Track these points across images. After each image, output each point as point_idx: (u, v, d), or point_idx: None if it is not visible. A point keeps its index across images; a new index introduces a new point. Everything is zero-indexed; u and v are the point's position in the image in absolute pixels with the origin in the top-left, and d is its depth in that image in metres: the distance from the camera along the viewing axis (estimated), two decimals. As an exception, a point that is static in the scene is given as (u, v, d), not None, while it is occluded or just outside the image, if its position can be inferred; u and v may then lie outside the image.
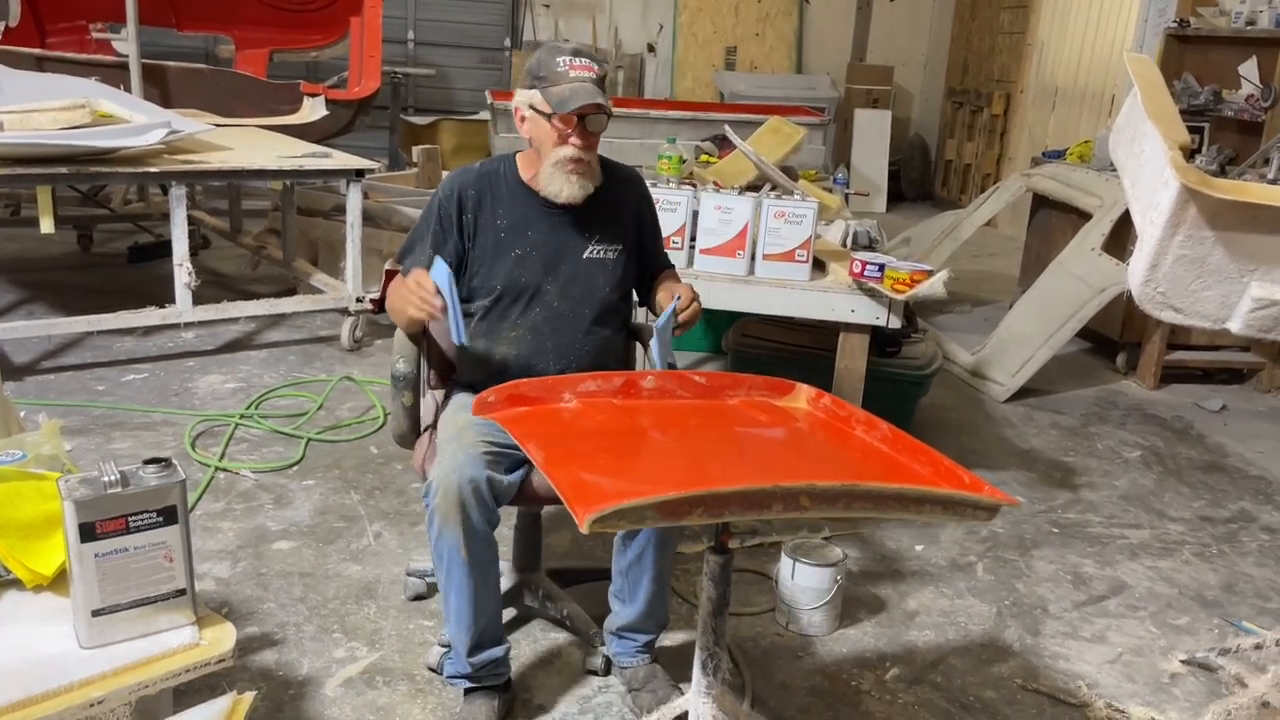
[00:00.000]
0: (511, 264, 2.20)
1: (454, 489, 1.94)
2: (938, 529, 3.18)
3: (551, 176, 2.15)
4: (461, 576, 2.01)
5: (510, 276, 2.20)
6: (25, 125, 3.82)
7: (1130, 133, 2.67)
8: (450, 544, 1.98)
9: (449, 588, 2.04)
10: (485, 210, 2.21)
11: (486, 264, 2.21)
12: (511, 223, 2.21)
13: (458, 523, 1.95)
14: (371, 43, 6.34)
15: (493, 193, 2.22)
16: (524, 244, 2.21)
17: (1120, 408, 4.46)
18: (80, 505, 1.39)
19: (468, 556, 1.98)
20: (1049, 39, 8.20)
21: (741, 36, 9.44)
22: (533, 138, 2.17)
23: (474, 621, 2.07)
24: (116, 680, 1.40)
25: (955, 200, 9.08)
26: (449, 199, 2.21)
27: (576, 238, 2.24)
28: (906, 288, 2.87)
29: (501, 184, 2.23)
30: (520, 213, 2.21)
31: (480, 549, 2.00)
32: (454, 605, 2.05)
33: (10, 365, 3.95)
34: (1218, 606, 2.88)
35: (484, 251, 2.21)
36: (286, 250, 4.88)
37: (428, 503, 1.99)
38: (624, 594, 2.23)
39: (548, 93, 2.09)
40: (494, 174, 2.24)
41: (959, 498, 1.54)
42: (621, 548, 2.19)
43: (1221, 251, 2.33)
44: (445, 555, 2.00)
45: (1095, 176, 5.00)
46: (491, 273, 2.21)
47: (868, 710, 2.31)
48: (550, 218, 2.22)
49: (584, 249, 2.24)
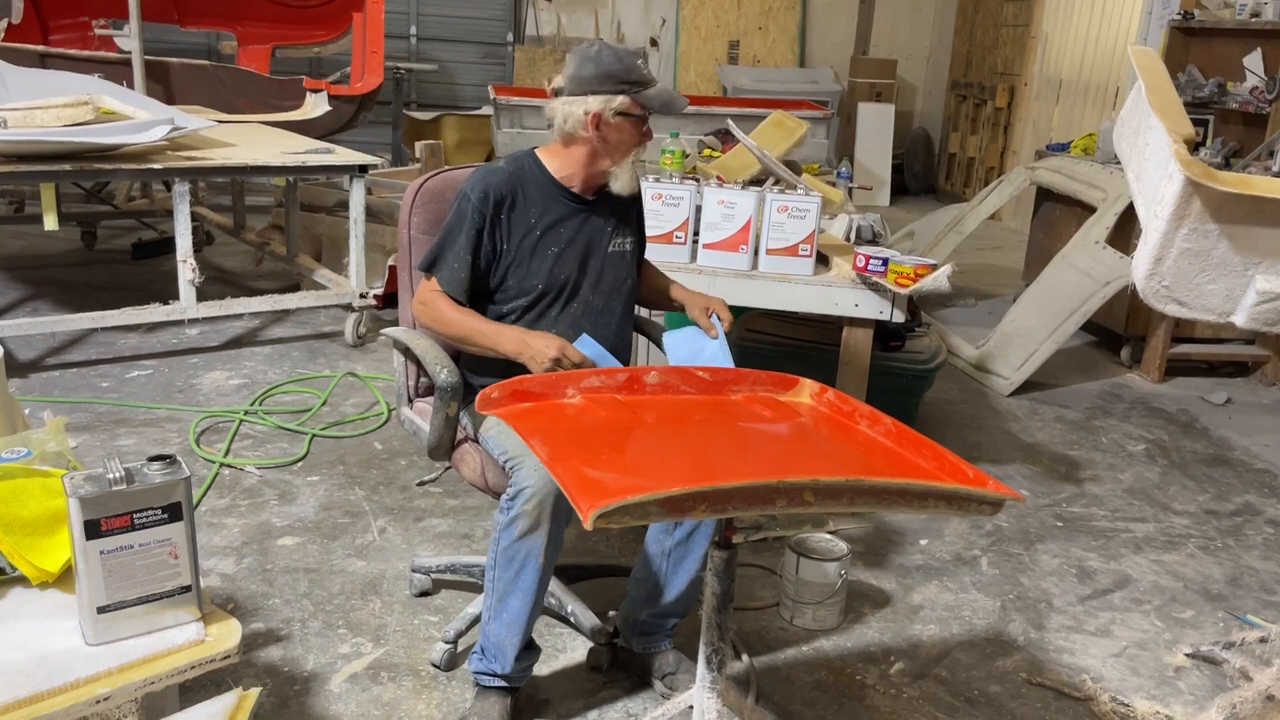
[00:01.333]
0: (550, 262, 2.21)
1: (550, 496, 1.93)
2: (942, 523, 3.18)
3: (625, 172, 2.21)
4: (532, 582, 2.01)
5: (550, 275, 2.21)
6: (29, 122, 3.82)
7: (1134, 125, 2.66)
8: (532, 549, 1.97)
9: (513, 591, 2.02)
10: (518, 210, 2.20)
11: (523, 264, 2.20)
12: (545, 220, 2.21)
13: (546, 531, 1.96)
14: (374, 38, 6.34)
15: (524, 192, 2.21)
16: (558, 241, 2.22)
17: (1125, 401, 4.46)
18: (85, 502, 1.39)
19: (544, 563, 1.99)
20: (1053, 31, 8.18)
21: (744, 30, 9.42)
22: (607, 140, 2.16)
23: (528, 626, 2.06)
24: (122, 677, 1.40)
25: (959, 194, 9.07)
26: (483, 200, 2.17)
27: (601, 232, 2.27)
28: (910, 282, 2.86)
29: (530, 182, 2.22)
30: (552, 210, 2.22)
31: (555, 556, 2.02)
32: (515, 609, 2.03)
33: (15, 362, 3.96)
34: (1223, 600, 2.87)
35: (521, 252, 2.20)
36: (290, 246, 4.88)
37: (511, 506, 1.97)
38: (659, 576, 2.22)
39: (644, 96, 2.15)
40: (521, 172, 2.23)
41: (963, 493, 1.53)
42: (668, 527, 2.18)
43: (1226, 245, 2.32)
44: (520, 559, 1.99)
45: (1099, 169, 4.99)
46: (530, 273, 2.20)
47: (872, 705, 2.31)
48: (578, 214, 2.24)
49: (608, 242, 2.28)
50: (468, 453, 2.22)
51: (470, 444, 2.23)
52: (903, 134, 9.68)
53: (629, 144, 2.18)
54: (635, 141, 2.19)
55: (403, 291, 2.43)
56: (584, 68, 2.13)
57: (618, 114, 2.14)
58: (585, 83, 2.13)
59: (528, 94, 6.96)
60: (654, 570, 2.23)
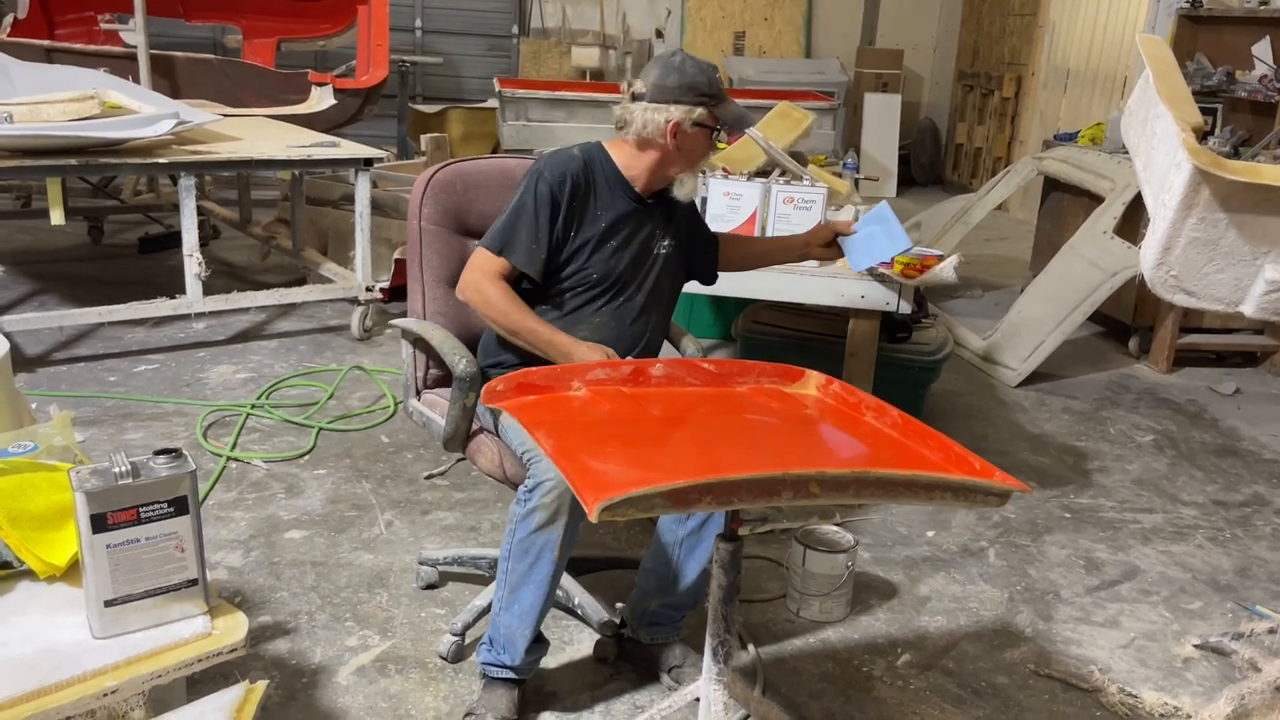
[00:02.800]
0: (610, 255, 2.23)
1: (569, 490, 1.89)
2: (949, 515, 3.17)
3: (691, 180, 2.27)
4: (546, 575, 2.01)
5: (608, 267, 2.23)
6: (35, 117, 3.82)
7: (1143, 114, 2.65)
8: (548, 542, 1.98)
9: (527, 583, 2.02)
10: (591, 199, 2.23)
11: (585, 254, 2.22)
12: (610, 215, 2.24)
13: (563, 524, 1.96)
14: (379, 31, 6.33)
15: (595, 183, 2.24)
16: (619, 236, 2.24)
17: (1133, 392, 4.44)
18: (91, 496, 1.39)
19: (559, 555, 2.00)
20: (1060, 20, 8.14)
21: (750, 21, 9.39)
22: (682, 148, 2.20)
23: (539, 618, 2.07)
24: (129, 670, 1.41)
25: (966, 184, 9.04)
26: (560, 184, 2.18)
27: (654, 234, 2.30)
28: (917, 273, 2.85)
29: (601, 175, 2.24)
30: (618, 205, 2.24)
31: (570, 548, 2.03)
32: (528, 601, 2.04)
33: (22, 357, 3.97)
34: (1231, 591, 2.87)
35: (587, 240, 2.22)
36: (296, 240, 4.89)
37: (529, 499, 1.97)
38: (671, 566, 2.22)
39: (721, 110, 2.21)
40: (594, 163, 2.25)
41: (970, 484, 1.53)
42: (680, 517, 2.19)
43: (1235, 234, 2.31)
44: (536, 551, 1.99)
45: (1107, 159, 4.97)
46: (590, 262, 2.22)
47: (879, 696, 2.31)
48: (638, 213, 2.27)
49: (659, 245, 2.31)
50: (484, 444, 2.22)
51: (486, 435, 2.23)
52: (909, 124, 9.64)
53: (699, 154, 2.25)
54: (704, 152, 2.26)
55: (412, 283, 2.42)
56: (668, 77, 2.17)
57: (695, 125, 2.18)
58: (669, 92, 2.16)
59: (533, 86, 6.95)
60: (666, 560, 2.23)
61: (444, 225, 2.40)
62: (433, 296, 2.40)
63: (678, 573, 2.22)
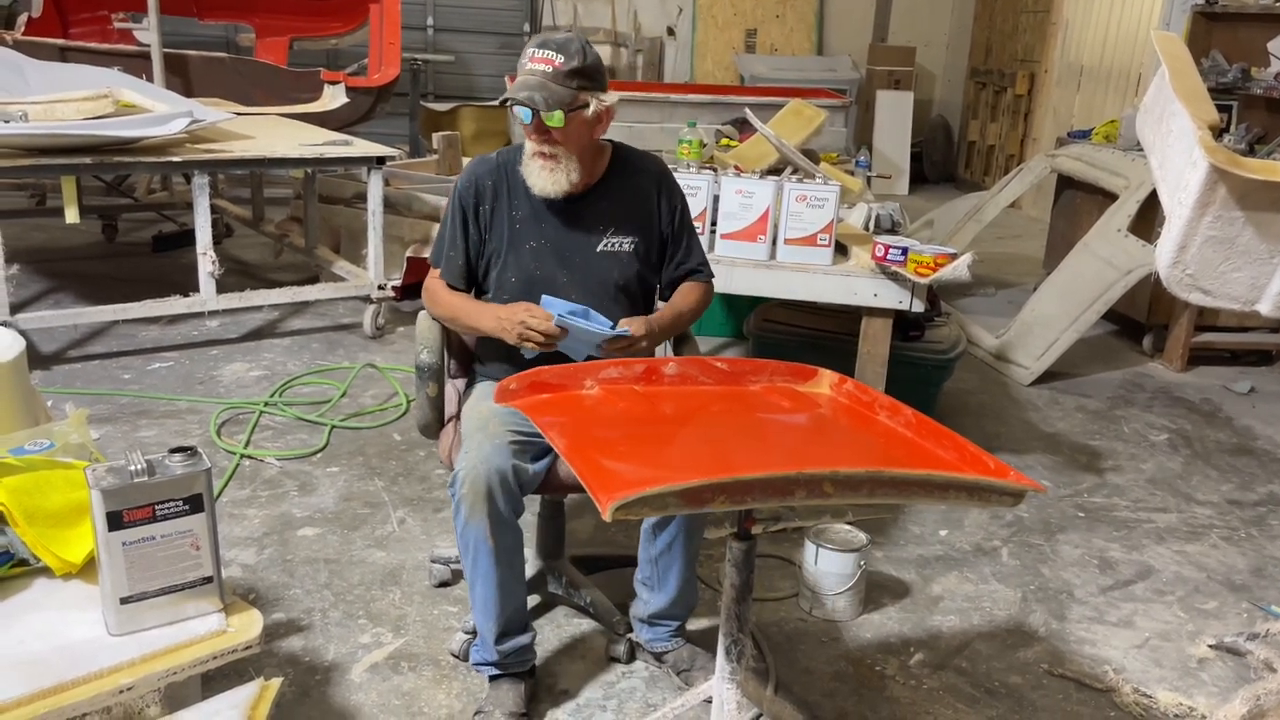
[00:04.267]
0: (527, 256, 2.19)
1: (481, 479, 1.95)
2: (962, 514, 3.16)
3: (528, 169, 2.14)
4: (488, 566, 2.02)
5: (526, 269, 2.18)
6: (50, 115, 3.84)
7: (1158, 112, 2.64)
8: (477, 533, 1.99)
9: (475, 576, 2.05)
10: (501, 201, 2.20)
11: (502, 256, 2.20)
12: (525, 214, 2.19)
13: (484, 513, 1.96)
14: (391, 30, 6.35)
15: (509, 183, 2.20)
16: (538, 236, 2.19)
17: (1147, 390, 4.42)
18: (107, 494, 1.40)
19: (494, 545, 2.00)
20: (1074, 17, 8.10)
21: (761, 18, 9.37)
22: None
23: (500, 609, 2.08)
24: (145, 667, 1.41)
25: (979, 182, 9.00)
26: (467, 190, 2.20)
27: (589, 230, 2.20)
28: (930, 271, 2.84)
29: (517, 174, 2.19)
30: (534, 204, 2.18)
31: (506, 537, 2.02)
32: (481, 594, 2.06)
33: (38, 354, 3.99)
34: (1246, 591, 2.85)
35: (500, 243, 2.20)
36: (309, 238, 4.90)
37: (454, 493, 2.00)
38: (653, 581, 2.24)
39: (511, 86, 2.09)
40: (510, 163, 2.21)
41: (984, 483, 1.52)
42: (651, 536, 2.19)
43: (1251, 232, 2.30)
44: (472, 544, 2.01)
45: (1121, 157, 4.94)
46: (507, 265, 2.20)
47: (892, 695, 2.31)
48: (563, 210, 2.19)
49: (597, 242, 2.20)
50: (447, 432, 2.28)
51: (452, 424, 2.27)
52: (921, 122, 9.61)
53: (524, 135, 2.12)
54: (524, 133, 2.11)
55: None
56: None
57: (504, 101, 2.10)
58: None
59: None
60: (648, 575, 2.26)
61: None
62: None
63: (659, 588, 2.24)
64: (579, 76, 2.05)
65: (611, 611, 2.38)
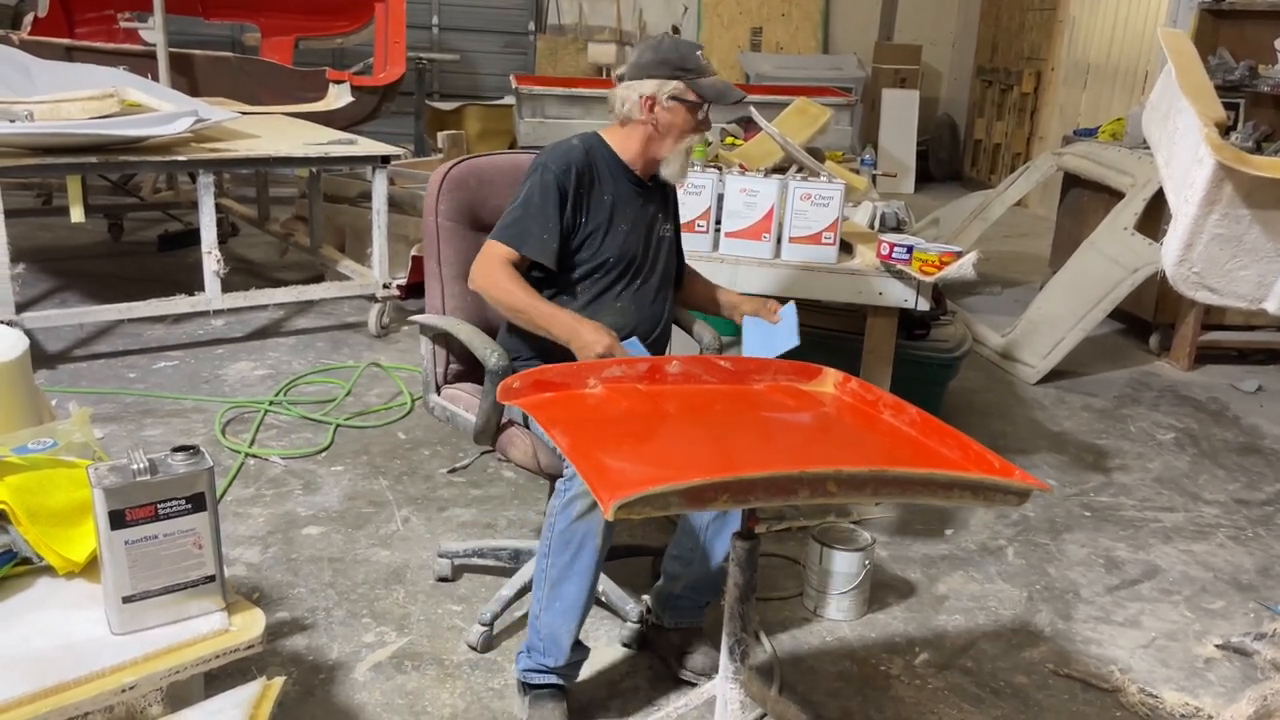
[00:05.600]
0: (621, 237, 2.28)
1: None
2: (967, 513, 3.16)
3: (677, 159, 2.29)
4: (589, 565, 1.99)
5: (622, 248, 2.28)
6: (55, 115, 3.85)
7: (1164, 109, 2.62)
8: (590, 530, 1.96)
9: (569, 576, 2.00)
10: (596, 186, 2.27)
11: (598, 237, 2.26)
12: (616, 198, 2.29)
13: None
14: (396, 29, 6.35)
15: (597, 169, 2.28)
16: (627, 219, 2.29)
17: (1153, 389, 4.40)
18: (110, 493, 1.40)
19: (601, 543, 1.98)
20: (1080, 15, 8.07)
21: (767, 17, 9.36)
22: (660, 123, 2.24)
23: (583, 613, 2.04)
24: (148, 666, 1.41)
25: (985, 180, 8.98)
26: (565, 174, 2.21)
27: (655, 216, 2.36)
28: (935, 269, 2.83)
29: (601, 161, 2.29)
30: (621, 188, 2.29)
31: (609, 541, 2.01)
32: (570, 595, 2.01)
33: (43, 353, 4.00)
34: (1253, 590, 2.84)
35: (597, 225, 2.26)
36: (314, 237, 4.90)
37: (569, 487, 1.97)
38: (696, 551, 2.23)
39: (698, 84, 2.23)
40: (593, 151, 2.29)
41: (989, 483, 1.52)
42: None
43: (1258, 230, 2.29)
44: (578, 541, 1.97)
45: (1128, 154, 4.93)
46: (603, 246, 2.26)
47: (897, 695, 2.30)
48: (639, 197, 2.32)
49: (659, 227, 2.37)
50: (516, 436, 2.21)
51: (517, 428, 2.22)
52: (927, 120, 9.59)
53: (682, 129, 2.25)
54: (689, 128, 2.26)
55: (430, 280, 2.43)
56: (644, 55, 2.24)
57: (671, 98, 2.22)
58: (644, 68, 2.23)
59: (550, 83, 6.95)
60: (692, 545, 2.24)
61: (459, 221, 2.41)
62: (451, 293, 2.40)
63: (704, 558, 2.23)
64: None
65: (624, 599, 2.38)
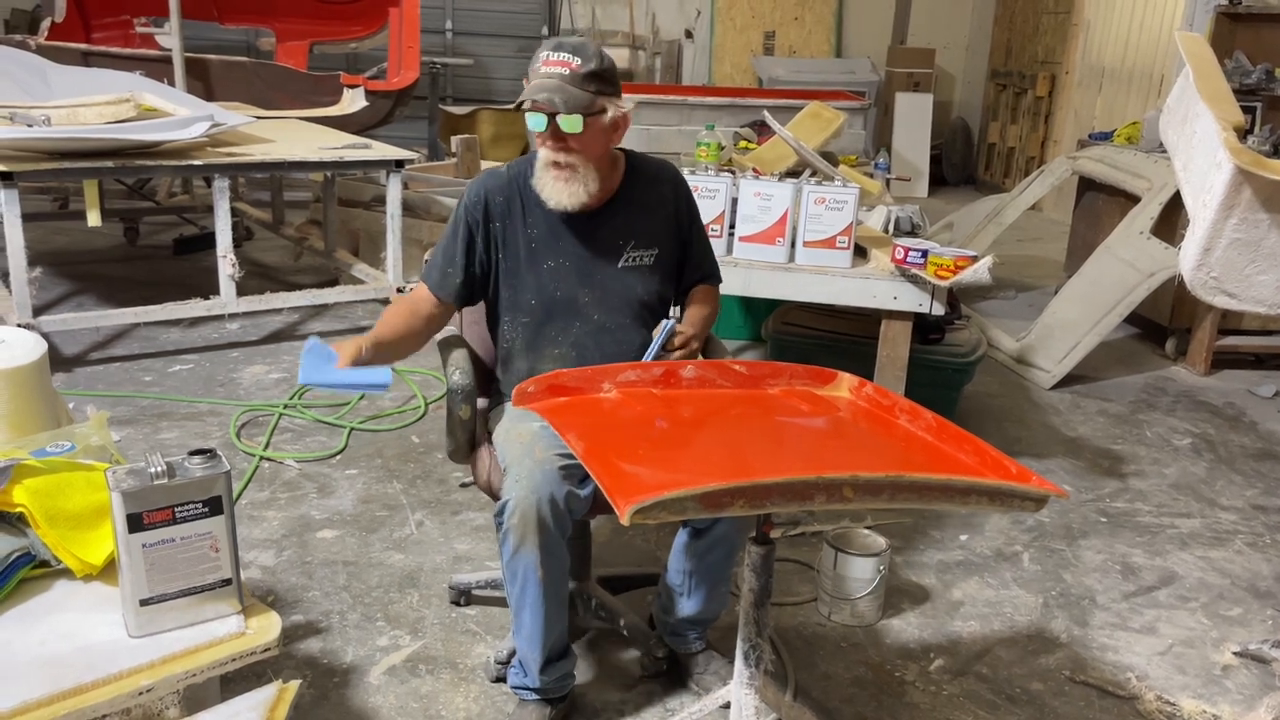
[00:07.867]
0: (545, 277, 2.09)
1: (532, 508, 1.84)
2: (982, 518, 3.14)
3: (541, 181, 2.04)
4: (536, 596, 1.93)
5: (544, 291, 2.09)
6: (72, 119, 3.87)
7: (1182, 113, 2.61)
8: (527, 564, 1.89)
9: (522, 606, 1.96)
10: (514, 218, 2.09)
11: (517, 276, 2.10)
12: (542, 231, 2.09)
13: (536, 543, 1.86)
14: (410, 33, 6.37)
15: (523, 199, 2.09)
16: (555, 254, 2.09)
17: (1170, 394, 4.38)
18: (128, 496, 1.40)
19: (544, 575, 1.90)
20: (1096, 18, 8.04)
21: (780, 21, 9.35)
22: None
23: (545, 638, 1.99)
24: (164, 669, 1.42)
25: (999, 184, 8.95)
26: (475, 206, 2.08)
27: (610, 245, 2.12)
28: (950, 274, 2.82)
29: (531, 188, 2.07)
30: (551, 220, 2.08)
31: (556, 567, 1.92)
32: (528, 624, 1.97)
33: (60, 357, 4.02)
34: (1271, 597, 2.81)
35: (514, 263, 2.10)
36: (328, 241, 4.92)
37: (502, 521, 1.89)
38: (691, 583, 2.17)
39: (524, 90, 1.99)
40: (523, 177, 2.10)
41: (1006, 488, 1.51)
42: (696, 534, 2.12)
43: (1277, 234, 2.27)
44: (520, 574, 1.91)
45: (1143, 158, 4.90)
46: (523, 286, 2.10)
47: (912, 701, 2.29)
48: (583, 225, 2.09)
49: (619, 257, 2.12)
50: (481, 455, 2.19)
51: (486, 448, 2.19)
52: (941, 124, 9.57)
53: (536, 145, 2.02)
54: (537, 142, 2.00)
55: None
56: None
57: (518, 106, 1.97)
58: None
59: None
60: (685, 576, 2.19)
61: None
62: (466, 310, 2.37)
63: (697, 587, 2.19)
64: (596, 80, 1.96)
65: (647, 635, 2.31)
